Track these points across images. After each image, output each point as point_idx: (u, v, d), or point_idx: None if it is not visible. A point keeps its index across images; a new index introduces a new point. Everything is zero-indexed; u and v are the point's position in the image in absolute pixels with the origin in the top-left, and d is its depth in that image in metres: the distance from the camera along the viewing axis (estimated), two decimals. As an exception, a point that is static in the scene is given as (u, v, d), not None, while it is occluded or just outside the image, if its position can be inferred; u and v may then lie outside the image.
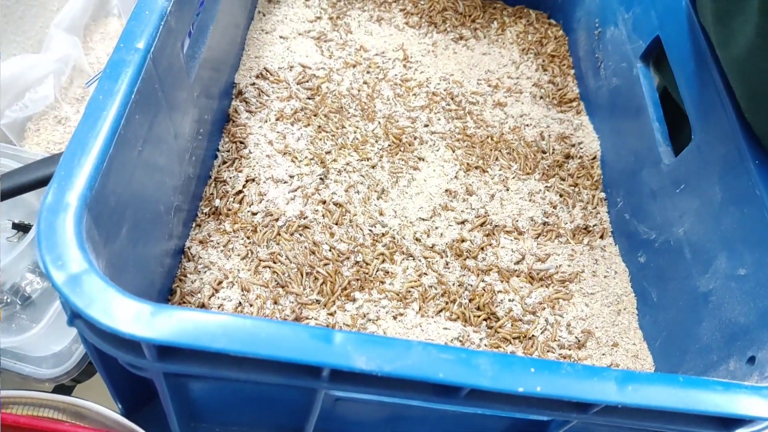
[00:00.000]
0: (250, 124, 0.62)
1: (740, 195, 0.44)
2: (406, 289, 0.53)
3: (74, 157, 0.35)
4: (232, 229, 0.55)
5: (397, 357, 0.30)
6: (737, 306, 0.43)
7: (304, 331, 0.30)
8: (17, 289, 0.47)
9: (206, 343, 0.29)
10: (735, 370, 0.41)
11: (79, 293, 0.30)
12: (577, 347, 0.52)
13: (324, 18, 0.74)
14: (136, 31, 0.42)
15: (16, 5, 0.57)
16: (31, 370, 0.46)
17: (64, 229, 0.32)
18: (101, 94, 0.38)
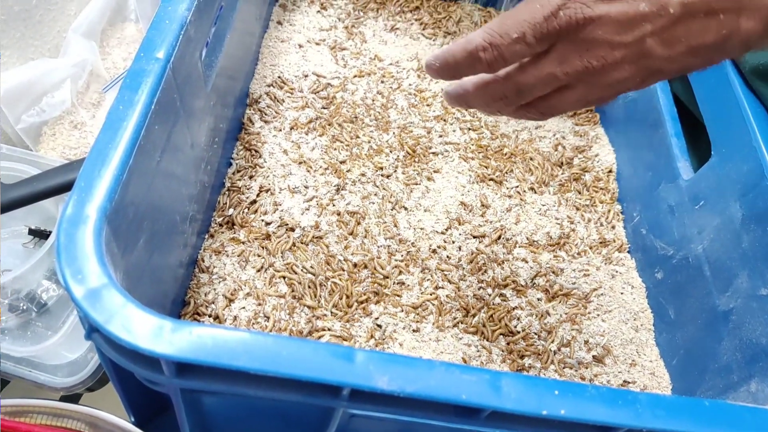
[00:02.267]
0: (264, 132, 0.62)
1: (762, 213, 0.43)
2: (422, 302, 0.53)
3: (94, 168, 0.35)
4: (247, 239, 0.55)
5: (420, 377, 0.30)
6: (759, 326, 0.42)
7: (326, 350, 0.30)
8: (33, 296, 0.47)
9: (227, 360, 0.29)
10: (757, 392, 0.41)
11: (99, 308, 0.30)
12: (595, 364, 0.52)
13: (339, 27, 0.73)
14: (156, 41, 0.42)
15: (35, 10, 0.58)
16: (45, 378, 0.45)
17: (84, 242, 0.31)
18: (121, 104, 0.38)
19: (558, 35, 0.30)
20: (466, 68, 0.33)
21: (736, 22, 0.28)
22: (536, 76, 0.32)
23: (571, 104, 0.33)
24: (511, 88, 0.33)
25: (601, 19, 0.29)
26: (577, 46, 0.30)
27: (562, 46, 0.30)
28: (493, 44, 0.31)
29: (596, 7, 0.29)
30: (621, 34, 0.29)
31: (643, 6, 0.29)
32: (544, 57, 0.31)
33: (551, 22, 0.30)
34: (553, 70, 0.31)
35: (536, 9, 0.30)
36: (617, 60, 0.30)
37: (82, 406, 0.41)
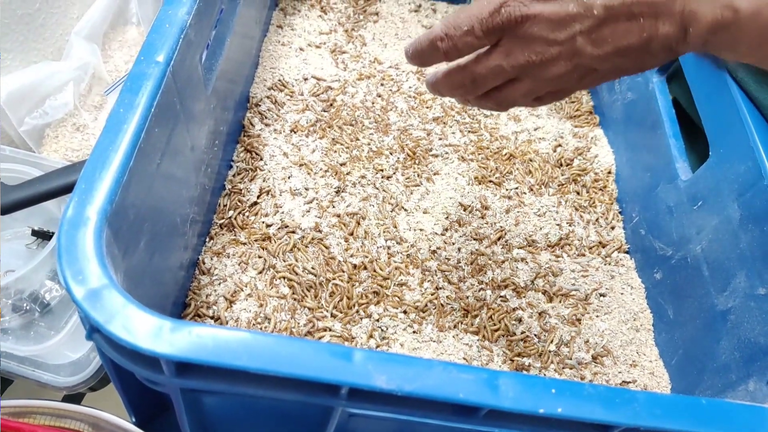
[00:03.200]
0: (264, 135, 0.62)
1: (759, 213, 0.44)
2: (423, 303, 0.53)
3: (95, 170, 0.35)
4: (247, 240, 0.55)
5: (418, 376, 0.30)
6: (757, 326, 0.42)
7: (325, 350, 0.30)
8: (36, 297, 0.47)
9: (227, 360, 0.29)
10: (755, 391, 0.41)
11: (99, 308, 0.30)
12: (595, 364, 0.52)
13: (339, 31, 0.74)
14: (157, 44, 0.42)
15: (38, 13, 0.58)
16: (48, 378, 0.46)
17: (85, 243, 0.32)
18: (122, 107, 0.39)
19: (503, 30, 0.34)
20: (428, 56, 0.37)
21: (655, 26, 0.32)
22: (487, 67, 0.35)
23: (522, 96, 0.37)
24: (467, 77, 0.37)
25: (537, 17, 0.33)
26: (519, 41, 0.34)
27: (508, 40, 0.34)
28: (447, 35, 0.35)
29: (532, 6, 0.33)
30: (554, 32, 0.33)
31: (572, 7, 0.32)
32: (493, 50, 0.35)
33: (495, 18, 0.33)
34: (501, 62, 0.35)
35: (483, 5, 0.34)
36: (554, 56, 0.34)
37: (84, 406, 0.41)
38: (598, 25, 0.32)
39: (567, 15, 0.32)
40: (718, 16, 0.31)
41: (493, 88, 0.37)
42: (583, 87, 0.36)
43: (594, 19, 0.32)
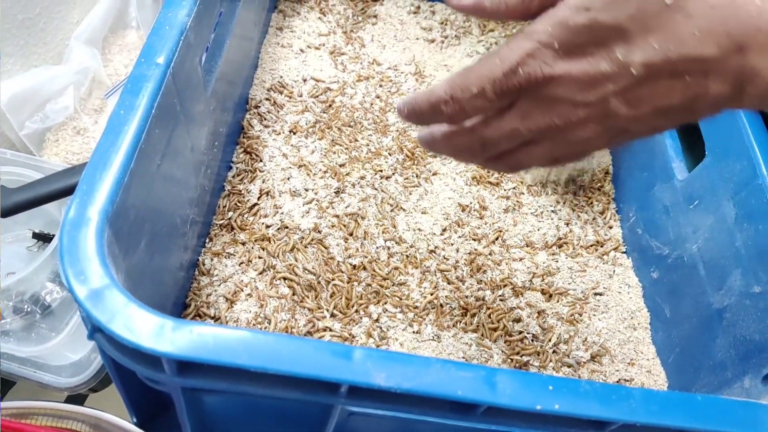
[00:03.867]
0: (264, 136, 0.63)
1: (754, 212, 0.44)
2: (422, 302, 0.54)
3: (96, 171, 0.35)
4: (247, 241, 0.55)
5: (416, 374, 0.30)
6: (752, 323, 0.43)
7: (325, 348, 0.30)
8: (37, 299, 0.47)
9: (227, 358, 0.30)
10: (750, 388, 0.41)
11: (101, 308, 0.30)
12: (593, 363, 0.52)
13: (338, 32, 0.74)
14: (157, 46, 0.43)
15: (38, 18, 0.58)
16: (50, 378, 0.46)
17: (86, 243, 0.32)
18: (122, 108, 0.39)
19: (519, 91, 0.29)
20: (429, 118, 0.33)
21: (703, 85, 0.27)
22: (500, 130, 0.31)
23: (538, 159, 0.33)
24: (475, 141, 0.33)
25: (562, 78, 0.28)
26: (539, 103, 0.29)
27: (525, 102, 0.30)
28: (453, 98, 0.30)
29: (556, 65, 0.28)
30: (583, 93, 0.28)
31: (605, 65, 0.27)
32: (508, 112, 0.31)
33: (510, 79, 0.29)
34: (516, 125, 0.31)
35: (495, 64, 0.29)
36: (581, 119, 0.29)
37: (85, 407, 0.41)
38: (636, 84, 0.27)
39: (599, 74, 0.27)
40: None
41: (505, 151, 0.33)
42: (611, 147, 0.32)
43: (631, 78, 0.27)
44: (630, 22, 0.26)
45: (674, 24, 0.26)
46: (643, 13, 0.26)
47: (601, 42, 0.27)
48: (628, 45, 0.27)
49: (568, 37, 0.27)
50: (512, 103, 0.30)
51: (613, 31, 0.27)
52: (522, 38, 0.29)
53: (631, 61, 0.27)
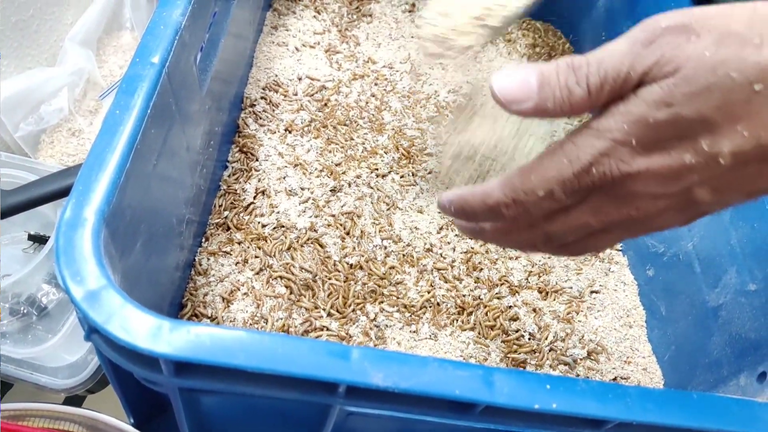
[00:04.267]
0: (259, 135, 0.63)
1: (749, 210, 0.44)
2: (419, 301, 0.54)
3: (92, 171, 0.35)
4: (243, 240, 0.55)
5: (414, 374, 0.30)
6: (747, 321, 0.43)
7: (322, 348, 0.30)
8: (33, 300, 0.47)
9: (224, 359, 0.30)
10: (746, 386, 0.41)
11: (98, 309, 0.30)
12: (590, 361, 0.52)
13: (333, 31, 0.74)
14: (152, 46, 0.43)
15: (32, 20, 0.58)
16: (47, 380, 0.46)
17: (83, 244, 0.32)
18: (118, 108, 0.39)
19: (591, 190, 0.27)
20: (483, 218, 0.31)
21: None
22: (568, 225, 0.29)
23: (608, 245, 0.31)
24: (538, 236, 0.30)
25: (641, 174, 0.26)
26: (614, 198, 0.27)
27: (597, 197, 0.28)
28: (516, 201, 0.29)
29: (634, 162, 0.26)
30: (664, 186, 0.26)
31: (689, 158, 0.25)
32: (576, 207, 0.28)
33: (583, 179, 0.27)
34: (587, 220, 0.28)
35: (564, 165, 0.27)
36: (660, 209, 0.27)
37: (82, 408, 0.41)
38: (723, 172, 0.25)
39: (683, 167, 0.25)
40: None
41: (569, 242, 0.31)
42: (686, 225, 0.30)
43: (718, 168, 0.25)
44: (716, 112, 0.24)
45: (764, 109, 0.24)
46: (730, 103, 0.24)
47: (684, 135, 0.25)
48: (714, 135, 0.25)
49: (647, 134, 0.25)
50: (584, 197, 0.28)
51: (698, 123, 0.25)
52: (592, 136, 0.26)
53: (718, 151, 0.25)
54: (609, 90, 0.26)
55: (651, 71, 0.25)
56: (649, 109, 0.25)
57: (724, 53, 0.24)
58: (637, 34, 0.26)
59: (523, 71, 0.27)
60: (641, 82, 0.25)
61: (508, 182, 0.29)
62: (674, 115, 0.25)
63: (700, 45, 0.24)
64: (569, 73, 0.26)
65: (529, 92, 0.27)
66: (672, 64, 0.25)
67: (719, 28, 0.24)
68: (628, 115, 0.25)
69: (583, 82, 0.26)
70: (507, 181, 0.29)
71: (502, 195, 0.29)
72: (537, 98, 0.27)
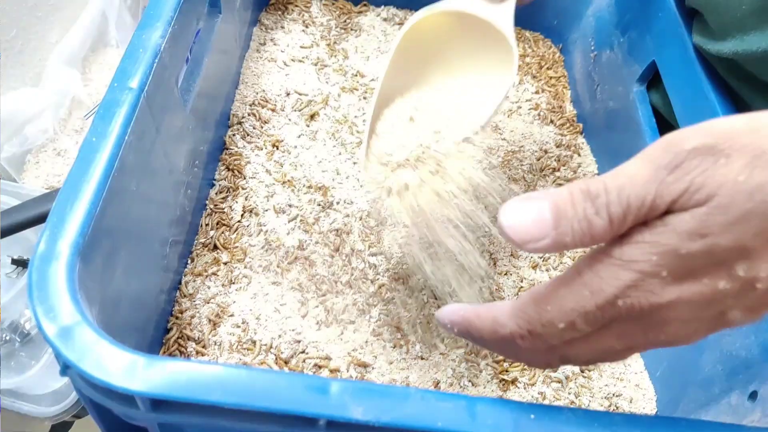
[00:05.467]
0: (246, 153, 0.62)
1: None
2: (409, 318, 0.53)
3: (66, 202, 0.35)
4: (230, 260, 0.55)
5: (395, 406, 0.30)
6: (738, 339, 0.42)
7: (300, 382, 0.30)
8: (16, 326, 0.47)
9: (200, 395, 0.29)
10: (737, 405, 0.41)
11: (71, 346, 0.30)
12: (582, 377, 0.52)
13: (321, 45, 0.74)
14: (130, 70, 0.42)
15: (15, 40, 0.58)
16: (29, 408, 0.45)
17: (56, 279, 0.32)
18: (94, 135, 0.38)
19: (616, 320, 0.26)
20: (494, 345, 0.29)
21: None
22: (589, 348, 0.27)
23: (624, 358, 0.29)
24: (554, 358, 0.29)
25: (672, 304, 0.25)
26: (642, 325, 0.26)
27: (623, 325, 0.26)
28: (533, 333, 0.27)
29: (665, 293, 0.24)
30: (696, 312, 0.25)
31: (724, 284, 0.24)
32: (598, 332, 0.26)
33: (607, 312, 0.25)
34: (612, 344, 0.27)
35: (586, 297, 0.25)
36: (689, 333, 0.26)
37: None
38: (759, 296, 0.24)
39: (717, 293, 0.24)
40: None
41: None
42: None
43: (754, 292, 0.24)
44: (754, 239, 0.23)
45: None
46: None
47: (719, 263, 0.24)
48: (751, 261, 0.23)
49: (679, 264, 0.24)
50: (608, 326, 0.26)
51: (734, 252, 0.23)
52: (617, 267, 0.25)
53: (755, 276, 0.24)
54: (633, 219, 0.24)
55: (680, 199, 0.23)
56: (681, 241, 0.23)
57: (760, 177, 0.22)
58: (659, 157, 0.24)
59: (536, 205, 0.25)
60: (671, 210, 0.24)
61: (521, 313, 0.27)
62: (711, 245, 0.23)
63: (732, 169, 0.23)
64: (587, 202, 0.25)
65: (545, 229, 0.25)
66: (703, 191, 0.23)
67: (750, 148, 0.23)
68: (658, 246, 0.24)
69: (604, 213, 0.24)
70: (520, 311, 0.27)
71: (516, 327, 0.27)
72: (554, 234, 0.25)
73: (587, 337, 0.27)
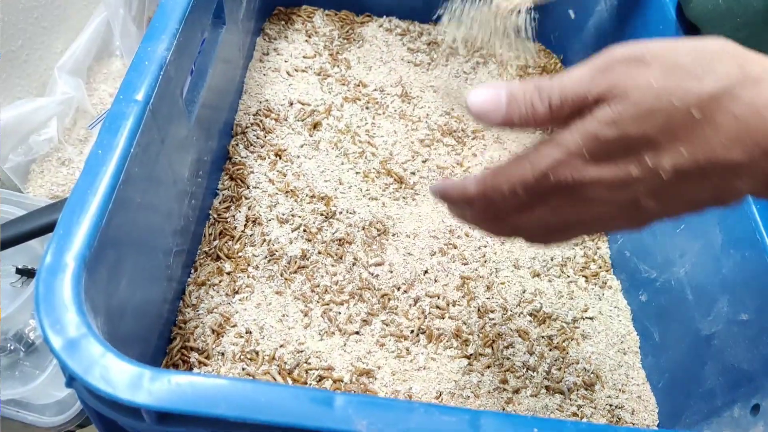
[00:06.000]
0: (249, 162, 0.63)
1: (741, 239, 0.44)
2: (412, 329, 0.53)
3: (73, 215, 0.35)
4: (233, 270, 0.55)
5: (399, 420, 0.30)
6: (740, 351, 0.42)
7: (305, 395, 0.30)
8: (21, 336, 0.47)
9: (205, 409, 0.29)
10: (740, 418, 0.41)
11: (77, 358, 0.30)
12: (584, 389, 0.52)
13: (324, 54, 0.74)
14: (136, 83, 0.42)
15: (21, 50, 0.58)
16: (33, 418, 0.46)
17: (63, 291, 0.32)
18: (100, 148, 0.39)
19: (550, 193, 0.31)
20: (461, 206, 0.34)
21: (732, 183, 0.28)
22: (531, 220, 0.32)
23: (569, 239, 0.35)
24: (507, 226, 0.34)
25: (593, 182, 0.29)
26: (570, 200, 0.31)
27: (556, 199, 0.31)
28: (486, 196, 0.32)
29: (587, 171, 0.29)
30: (613, 194, 0.29)
31: (634, 170, 0.28)
32: (538, 205, 0.32)
33: (542, 183, 0.30)
34: (547, 218, 0.32)
35: (526, 168, 0.30)
36: (612, 214, 0.31)
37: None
38: (666, 185, 0.29)
39: (629, 178, 0.29)
40: None
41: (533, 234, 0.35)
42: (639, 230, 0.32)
43: (660, 181, 0.28)
44: (658, 133, 0.27)
45: (703, 134, 0.27)
46: (672, 126, 0.27)
47: (630, 150, 0.28)
48: (656, 152, 0.28)
49: (598, 147, 0.28)
50: (543, 198, 0.31)
51: (643, 141, 0.28)
52: (552, 146, 0.29)
53: (660, 166, 0.28)
54: (569, 109, 0.29)
55: (605, 95, 0.28)
56: (600, 127, 0.28)
57: (669, 83, 0.27)
58: (596, 62, 0.29)
59: (495, 89, 0.31)
60: (597, 103, 0.28)
61: (481, 179, 0.32)
62: (621, 132, 0.28)
63: (648, 75, 0.27)
64: (534, 92, 0.30)
65: (498, 107, 0.31)
66: (622, 89, 0.28)
67: (667, 61, 0.28)
68: (582, 131, 0.29)
69: (546, 101, 0.30)
70: (481, 178, 0.32)
71: (474, 190, 0.33)
72: (504, 112, 0.31)
73: (530, 209, 0.32)
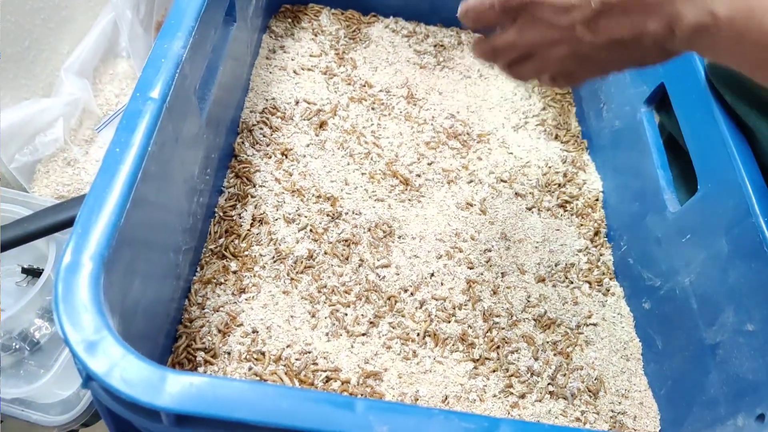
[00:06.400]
0: (255, 161, 0.62)
1: (747, 250, 0.44)
2: (418, 331, 0.53)
3: (92, 214, 0.35)
4: (239, 268, 0.55)
5: (419, 426, 0.30)
6: (746, 361, 0.43)
7: (326, 399, 0.30)
8: (26, 336, 0.46)
9: (226, 412, 0.29)
10: (744, 427, 0.42)
11: (97, 360, 0.30)
12: (588, 395, 0.52)
13: (330, 54, 0.74)
14: (152, 80, 0.42)
15: (28, 51, 0.58)
16: (38, 417, 0.45)
17: (82, 291, 0.32)
18: (117, 146, 0.38)
19: (517, 11, 0.39)
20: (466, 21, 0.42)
21: (645, 23, 0.35)
22: (503, 41, 0.41)
23: (534, 72, 0.43)
24: (488, 48, 0.43)
25: (542, 4, 0.37)
26: (530, 22, 0.39)
27: (521, 20, 0.40)
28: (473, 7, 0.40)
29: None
30: (557, 17, 0.37)
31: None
32: (510, 27, 0.41)
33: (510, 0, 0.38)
34: (514, 38, 0.41)
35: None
36: (556, 39, 0.39)
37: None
38: (595, 16, 0.36)
39: (568, 4, 0.36)
40: (699, 19, 0.34)
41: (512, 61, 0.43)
42: (589, 75, 0.41)
43: (591, 11, 0.35)
44: None
45: None
46: None
47: None
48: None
49: None
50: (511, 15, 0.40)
51: None
52: None
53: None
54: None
55: None
56: None
57: None
58: None
59: None
60: None
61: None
62: None
63: None
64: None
65: None
66: None
67: None
68: None
69: None
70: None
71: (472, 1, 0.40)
72: None
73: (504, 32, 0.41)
